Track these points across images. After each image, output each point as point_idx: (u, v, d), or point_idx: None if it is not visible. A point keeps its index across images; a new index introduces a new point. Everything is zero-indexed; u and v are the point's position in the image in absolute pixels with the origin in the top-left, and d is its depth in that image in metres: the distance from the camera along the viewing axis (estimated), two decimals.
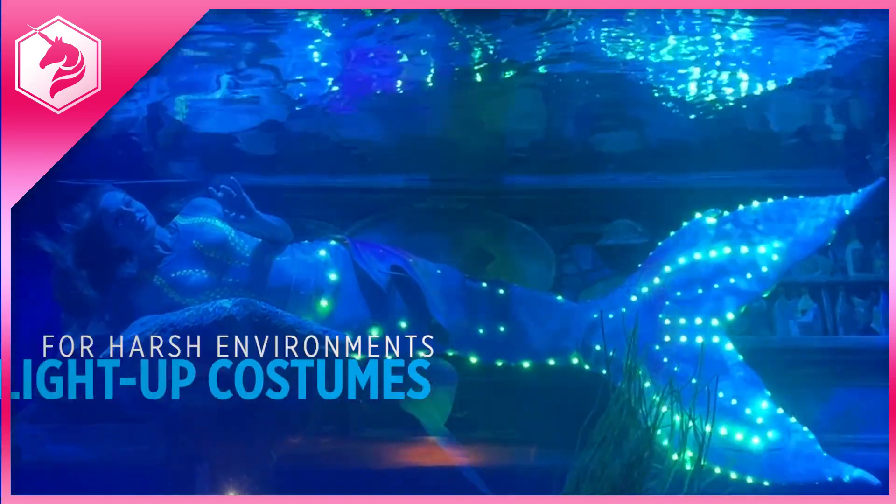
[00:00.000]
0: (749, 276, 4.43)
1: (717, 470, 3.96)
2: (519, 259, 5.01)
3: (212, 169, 5.10)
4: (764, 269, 4.45)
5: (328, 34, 4.27)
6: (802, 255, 4.54)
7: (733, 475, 3.97)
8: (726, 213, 4.64)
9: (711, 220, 4.63)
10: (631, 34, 4.34)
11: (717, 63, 4.62)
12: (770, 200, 4.64)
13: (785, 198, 4.65)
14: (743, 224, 4.59)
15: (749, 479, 3.97)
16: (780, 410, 4.17)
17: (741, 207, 4.64)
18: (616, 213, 5.15)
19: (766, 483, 3.95)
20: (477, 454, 4.38)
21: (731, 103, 5.00)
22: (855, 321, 5.02)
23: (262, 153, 5.19)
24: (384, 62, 4.52)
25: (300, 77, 4.71)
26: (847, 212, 4.57)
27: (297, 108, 4.92)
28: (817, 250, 4.63)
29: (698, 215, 4.67)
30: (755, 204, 4.63)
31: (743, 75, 4.79)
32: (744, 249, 4.52)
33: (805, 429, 4.14)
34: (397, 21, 4.03)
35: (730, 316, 4.41)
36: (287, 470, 4.19)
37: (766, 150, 5.30)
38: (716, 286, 4.44)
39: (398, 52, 4.41)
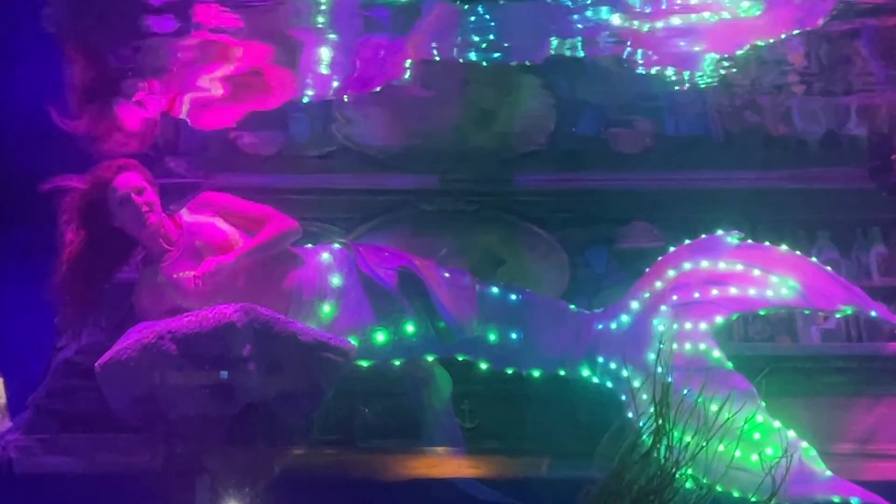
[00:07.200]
0: (752, 291, 4.27)
1: (719, 488, 3.90)
2: (531, 263, 4.93)
3: (212, 168, 5.04)
4: (769, 293, 4.29)
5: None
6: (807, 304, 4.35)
7: (735, 494, 3.87)
8: (749, 240, 4.50)
9: (733, 241, 4.47)
10: None
11: None
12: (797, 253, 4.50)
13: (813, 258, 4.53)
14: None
15: (752, 499, 3.87)
16: (777, 424, 4.01)
17: (767, 243, 4.50)
18: (632, 214, 5.04)
19: None
20: (487, 465, 4.32)
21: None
22: (879, 327, 4.87)
23: (263, 152, 5.10)
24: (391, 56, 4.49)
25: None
26: None
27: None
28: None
29: (720, 232, 4.51)
30: (782, 247, 4.49)
31: None
32: (756, 272, 4.35)
33: (804, 444, 4.00)
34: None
35: (719, 320, 4.25)
36: (289, 482, 4.11)
37: (788, 150, 5.21)
38: (714, 292, 4.29)
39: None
